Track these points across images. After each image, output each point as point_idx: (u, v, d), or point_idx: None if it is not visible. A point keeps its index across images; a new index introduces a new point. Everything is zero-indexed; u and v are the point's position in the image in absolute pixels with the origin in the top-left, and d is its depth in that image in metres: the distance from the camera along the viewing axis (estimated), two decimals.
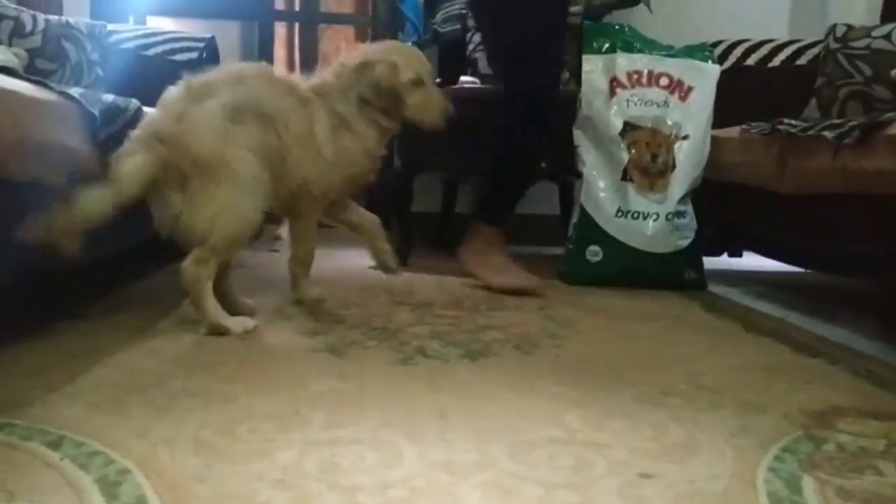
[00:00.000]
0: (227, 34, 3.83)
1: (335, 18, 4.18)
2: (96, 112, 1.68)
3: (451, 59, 3.55)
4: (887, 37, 2.55)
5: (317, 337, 1.69)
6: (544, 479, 0.97)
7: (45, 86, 1.57)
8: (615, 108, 2.52)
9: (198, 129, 1.64)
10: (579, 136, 2.59)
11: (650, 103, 2.52)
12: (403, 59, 1.90)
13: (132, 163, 1.61)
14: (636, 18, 2.51)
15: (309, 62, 4.06)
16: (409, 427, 1.14)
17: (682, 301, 2.25)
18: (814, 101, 2.69)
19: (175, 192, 1.65)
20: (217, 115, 1.66)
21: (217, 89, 1.70)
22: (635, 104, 2.52)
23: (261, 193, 1.68)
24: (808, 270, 2.74)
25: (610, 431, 1.15)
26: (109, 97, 1.81)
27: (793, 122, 2.15)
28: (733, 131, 2.44)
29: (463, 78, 3.17)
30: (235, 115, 1.68)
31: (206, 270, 1.67)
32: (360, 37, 4.09)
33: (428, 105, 1.92)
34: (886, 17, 2.87)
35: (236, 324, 1.69)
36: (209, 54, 3.14)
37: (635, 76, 2.54)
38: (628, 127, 2.50)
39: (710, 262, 2.62)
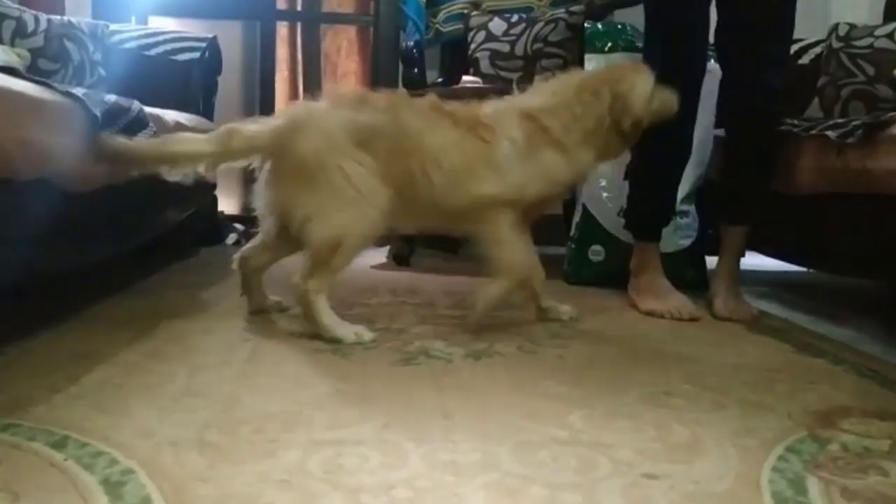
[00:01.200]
0: (229, 34, 3.82)
1: (337, 18, 4.16)
2: (98, 113, 1.68)
3: (453, 59, 3.56)
4: (890, 36, 2.55)
5: (320, 337, 1.68)
6: (548, 480, 0.97)
7: (48, 86, 1.57)
8: None
9: (311, 130, 1.65)
10: None
11: None
12: (640, 80, 1.87)
13: (251, 126, 1.68)
14: (638, 18, 2.50)
15: (311, 62, 4.07)
16: (413, 427, 1.14)
17: None
18: (816, 101, 2.69)
19: (276, 181, 1.69)
20: (339, 126, 1.66)
21: (365, 107, 1.70)
22: None
23: (371, 210, 1.65)
24: (812, 270, 2.74)
25: (614, 432, 1.15)
26: (112, 97, 1.81)
27: (795, 121, 2.15)
28: None
29: (465, 77, 3.17)
30: (362, 137, 1.67)
31: (314, 285, 1.66)
32: (362, 37, 4.09)
33: (665, 105, 1.89)
34: (889, 16, 2.87)
35: (350, 334, 1.65)
36: (211, 54, 3.15)
37: None
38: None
39: (712, 262, 2.62)
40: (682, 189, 2.48)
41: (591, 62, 2.60)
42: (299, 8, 4.17)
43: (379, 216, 1.67)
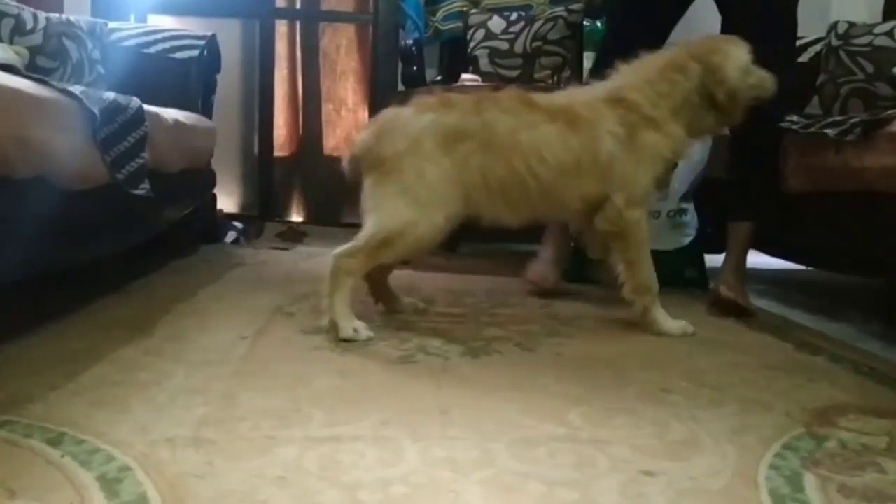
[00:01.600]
0: (228, 32, 3.82)
1: (336, 16, 4.16)
2: (96, 111, 1.68)
3: (452, 57, 3.56)
4: (889, 34, 2.55)
5: (318, 334, 1.68)
6: (546, 477, 0.97)
7: (47, 84, 1.57)
8: None
9: (394, 131, 1.68)
10: None
11: None
12: (735, 49, 1.84)
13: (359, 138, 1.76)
14: None
15: (310, 60, 4.06)
16: (411, 424, 1.14)
17: (683, 299, 2.25)
18: (815, 99, 2.68)
19: (364, 181, 1.72)
20: (424, 129, 1.67)
21: (451, 110, 1.71)
22: None
23: (436, 214, 1.66)
24: (811, 268, 2.74)
25: (611, 429, 1.15)
26: (111, 95, 1.81)
27: (794, 118, 2.15)
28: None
29: (464, 76, 3.17)
30: (448, 140, 1.68)
31: (350, 264, 1.67)
32: (361, 35, 4.08)
33: (762, 82, 1.86)
34: (888, 14, 2.87)
35: (348, 328, 1.65)
36: (210, 52, 3.14)
37: None
38: None
39: (711, 260, 2.62)
40: (681, 187, 2.49)
41: (591, 60, 2.59)
42: (298, 6, 4.16)
43: (444, 222, 1.68)
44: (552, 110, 1.76)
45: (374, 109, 3.93)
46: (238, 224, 3.53)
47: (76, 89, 1.67)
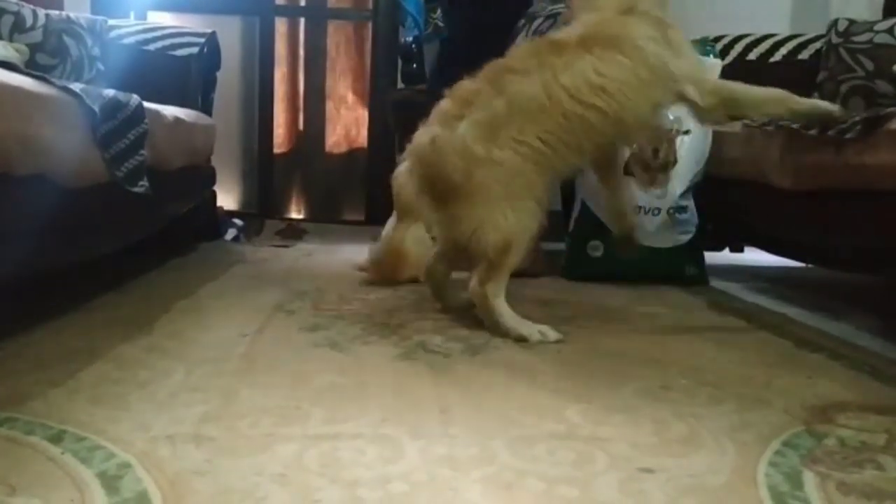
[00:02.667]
0: (228, 29, 3.82)
1: (336, 14, 4.16)
2: (96, 108, 1.68)
3: None
4: (889, 31, 2.55)
5: (318, 332, 1.69)
6: (545, 474, 0.97)
7: (46, 81, 1.57)
8: None
9: (447, 155, 1.68)
10: None
11: None
12: None
13: (404, 174, 1.75)
14: None
15: (311, 58, 4.06)
16: (410, 422, 1.14)
17: (683, 296, 2.25)
18: (816, 96, 2.68)
19: (439, 205, 1.72)
20: (464, 138, 1.67)
21: (472, 105, 1.70)
22: None
23: (528, 203, 1.68)
24: (810, 266, 2.74)
25: (611, 426, 1.15)
26: (111, 92, 1.81)
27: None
28: (735, 126, 2.43)
29: None
30: (490, 134, 1.68)
31: (491, 288, 1.70)
32: (360, 32, 4.08)
33: None
34: (888, 11, 2.87)
35: (534, 332, 1.67)
36: (210, 49, 3.14)
37: None
38: None
39: (711, 258, 2.62)
40: (681, 184, 2.49)
41: None
42: (302, 3, 4.16)
43: (537, 206, 1.70)
44: (581, 41, 1.72)
45: (373, 107, 3.94)
46: (238, 221, 3.53)
47: (76, 86, 1.67)
